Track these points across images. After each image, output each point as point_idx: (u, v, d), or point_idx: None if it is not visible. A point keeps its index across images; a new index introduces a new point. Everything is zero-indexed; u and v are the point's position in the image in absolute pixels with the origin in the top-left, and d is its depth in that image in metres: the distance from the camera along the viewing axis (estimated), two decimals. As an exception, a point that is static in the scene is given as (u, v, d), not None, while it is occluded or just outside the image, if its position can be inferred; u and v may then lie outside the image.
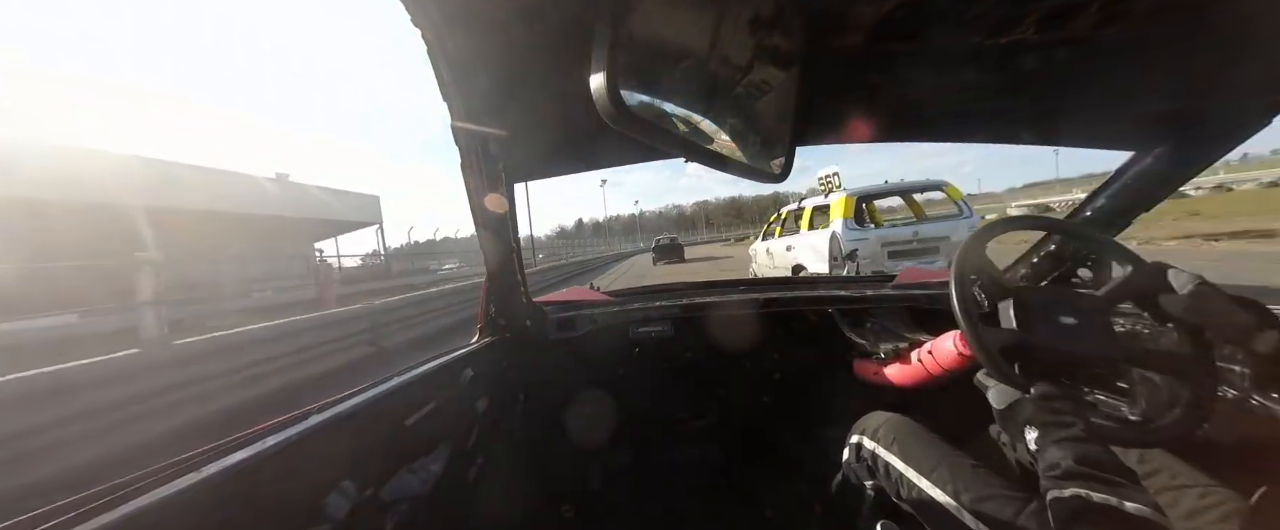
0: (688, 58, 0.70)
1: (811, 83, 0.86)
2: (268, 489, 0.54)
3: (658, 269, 20.61)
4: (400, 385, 0.81)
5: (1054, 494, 0.61)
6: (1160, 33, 0.79)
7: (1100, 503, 0.56)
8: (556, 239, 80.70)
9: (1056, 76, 0.94)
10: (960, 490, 0.83)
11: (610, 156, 1.31)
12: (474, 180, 0.92)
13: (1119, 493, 0.57)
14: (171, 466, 0.48)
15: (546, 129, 1.10)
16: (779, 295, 1.57)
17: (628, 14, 0.55)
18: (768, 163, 0.90)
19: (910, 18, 0.77)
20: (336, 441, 0.64)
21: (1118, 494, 0.57)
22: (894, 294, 1.59)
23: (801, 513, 1.49)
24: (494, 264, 1.14)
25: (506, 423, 1.23)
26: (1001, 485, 0.81)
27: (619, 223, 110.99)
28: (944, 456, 0.91)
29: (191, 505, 0.45)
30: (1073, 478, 0.61)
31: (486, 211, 1.00)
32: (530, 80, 0.89)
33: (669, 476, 1.71)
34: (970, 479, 0.84)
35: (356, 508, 0.65)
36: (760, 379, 1.94)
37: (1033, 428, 0.73)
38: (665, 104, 0.70)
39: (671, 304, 1.54)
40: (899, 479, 0.96)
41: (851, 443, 1.13)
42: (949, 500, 0.84)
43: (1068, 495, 0.59)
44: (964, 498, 0.82)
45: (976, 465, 0.88)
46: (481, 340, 1.21)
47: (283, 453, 0.55)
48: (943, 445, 0.96)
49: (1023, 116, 1.17)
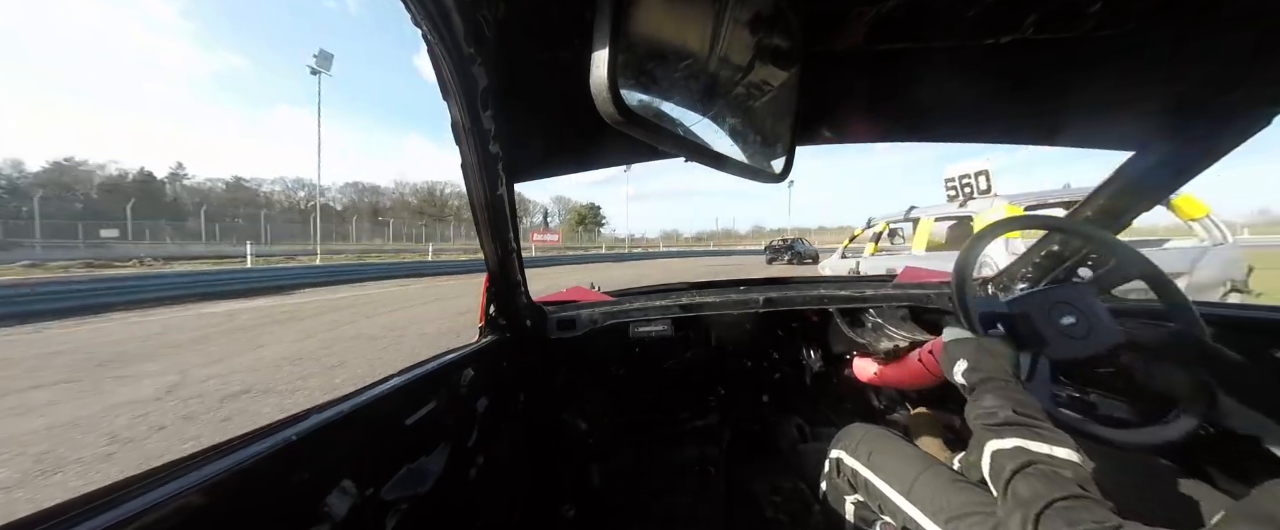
0: (688, 57, 0.70)
1: (811, 83, 0.86)
2: (268, 489, 0.54)
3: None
4: (400, 385, 0.81)
5: (995, 444, 0.65)
6: (1160, 33, 0.79)
7: (1038, 453, 0.61)
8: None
9: (1056, 76, 0.95)
10: (938, 508, 0.83)
11: (610, 156, 1.31)
12: (474, 180, 0.92)
13: (1052, 442, 0.62)
14: (171, 466, 0.48)
15: (546, 129, 1.10)
16: (779, 295, 1.57)
17: (628, 13, 0.55)
18: (767, 162, 0.90)
19: (909, 18, 0.77)
20: (336, 441, 0.64)
21: (1050, 443, 0.62)
22: (894, 293, 1.59)
23: (801, 513, 1.49)
24: (494, 264, 1.14)
25: (506, 423, 1.23)
26: (979, 501, 0.80)
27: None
28: (921, 471, 0.90)
29: (191, 505, 0.45)
30: (1011, 426, 0.65)
31: (487, 211, 1.00)
32: (530, 80, 0.89)
33: (669, 476, 1.71)
34: (949, 495, 0.84)
35: (357, 507, 0.65)
36: (760, 379, 1.94)
37: (963, 361, 0.78)
38: (665, 103, 0.70)
39: (671, 304, 1.54)
40: (877, 495, 0.96)
41: (831, 458, 1.13)
42: (926, 519, 0.84)
43: (1010, 447, 0.63)
44: (940, 516, 0.82)
45: (956, 479, 0.87)
46: (481, 340, 1.21)
47: (283, 453, 0.55)
48: (921, 459, 0.95)
49: (1023, 116, 1.17)
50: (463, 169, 0.90)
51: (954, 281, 0.92)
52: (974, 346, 0.83)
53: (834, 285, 1.79)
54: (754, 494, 1.61)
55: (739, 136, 0.85)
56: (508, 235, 1.09)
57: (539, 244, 47.62)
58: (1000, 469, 0.62)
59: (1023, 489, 0.58)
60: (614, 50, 0.53)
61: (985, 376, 0.76)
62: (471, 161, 0.88)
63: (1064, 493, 0.54)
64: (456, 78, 0.72)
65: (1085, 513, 0.52)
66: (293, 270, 16.36)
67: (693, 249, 64.20)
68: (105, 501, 0.41)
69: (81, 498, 0.42)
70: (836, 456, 1.11)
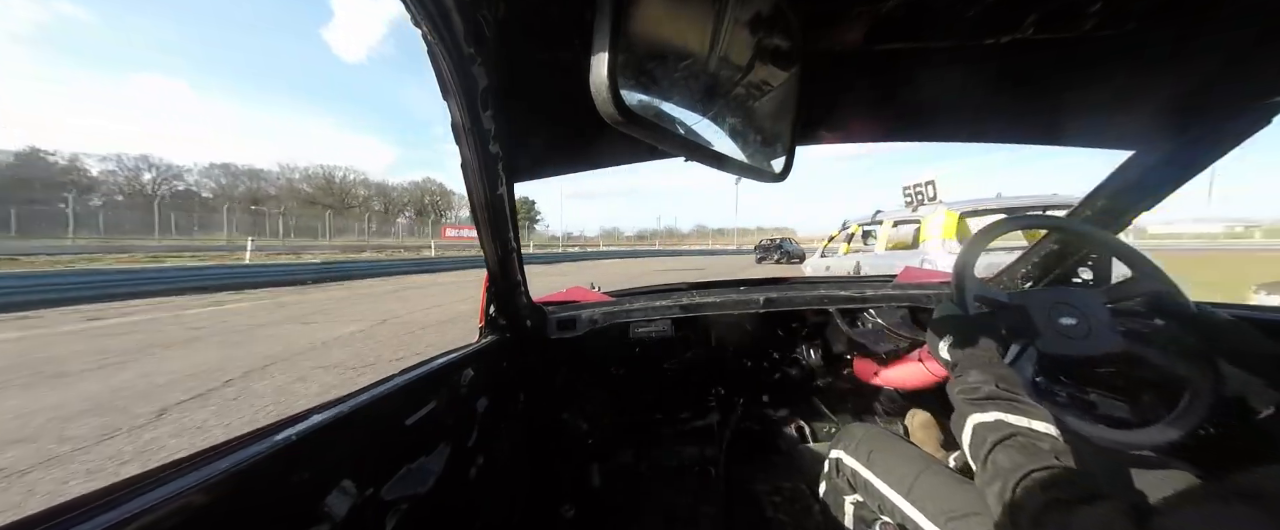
0: (688, 57, 0.70)
1: (811, 83, 0.86)
2: (268, 489, 0.54)
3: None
4: (400, 385, 0.81)
5: (977, 418, 0.67)
6: (1160, 33, 0.79)
7: (1018, 425, 0.63)
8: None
9: (1056, 76, 0.95)
10: (937, 508, 0.83)
11: (610, 156, 1.31)
12: (474, 180, 0.92)
13: (1031, 415, 0.64)
14: (171, 466, 0.48)
15: (546, 129, 1.10)
16: (779, 295, 1.57)
17: (628, 13, 0.55)
18: (768, 162, 0.90)
19: (909, 18, 0.77)
20: (336, 441, 0.64)
21: (1030, 417, 0.64)
22: (894, 294, 1.59)
23: (801, 513, 1.49)
24: (494, 264, 1.14)
25: (506, 423, 1.23)
26: (979, 501, 0.81)
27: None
28: (921, 471, 0.91)
29: (191, 505, 0.45)
30: (992, 400, 0.67)
31: (487, 211, 1.00)
32: (530, 80, 0.89)
33: (669, 476, 1.71)
34: (949, 495, 0.84)
35: (357, 507, 0.65)
36: (760, 379, 1.94)
37: (950, 337, 0.79)
38: (665, 103, 0.70)
39: (671, 304, 1.54)
40: (877, 495, 0.96)
41: (831, 458, 1.13)
42: (925, 520, 0.84)
43: (991, 420, 0.65)
44: (940, 516, 0.82)
45: (955, 479, 0.87)
46: (481, 340, 1.21)
47: (283, 453, 0.55)
48: (921, 459, 0.95)
49: (1023, 116, 1.17)
50: (463, 169, 0.90)
51: (955, 272, 0.92)
52: (960, 323, 0.84)
53: (834, 285, 1.79)
54: (754, 494, 1.61)
55: (739, 136, 0.85)
56: (508, 235, 1.09)
57: (453, 239, 41.83)
58: (981, 441, 0.64)
59: (1002, 459, 0.60)
60: (614, 50, 0.53)
61: (969, 352, 0.77)
62: (471, 161, 0.88)
63: (1042, 464, 0.56)
64: (456, 78, 0.71)
65: (1064, 481, 0.53)
66: (97, 276, 11.09)
67: (636, 249, 59.93)
68: (105, 502, 0.41)
69: (81, 498, 0.42)
70: (836, 457, 1.11)
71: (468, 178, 0.92)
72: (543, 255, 35.27)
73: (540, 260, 29.38)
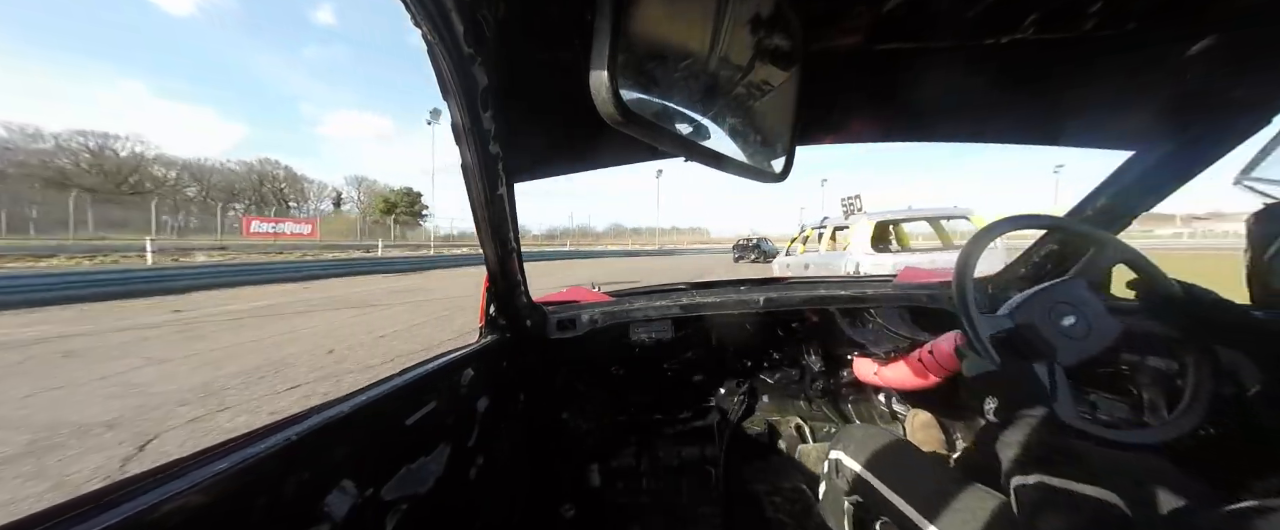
0: (688, 57, 0.70)
1: (811, 83, 0.86)
2: (268, 489, 0.54)
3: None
4: (400, 385, 0.81)
5: (1018, 480, 0.66)
6: (1160, 33, 0.79)
7: (1061, 488, 0.62)
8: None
9: (1056, 76, 0.94)
10: (937, 513, 0.83)
11: (610, 156, 1.31)
12: (474, 180, 0.92)
13: (1076, 478, 0.63)
14: (171, 466, 0.48)
15: (546, 129, 1.10)
16: (779, 295, 1.57)
17: (628, 12, 0.55)
18: (767, 162, 0.90)
19: (909, 18, 0.77)
20: (336, 441, 0.64)
21: (1075, 480, 0.63)
22: (894, 293, 1.59)
23: (801, 513, 1.49)
24: (494, 264, 1.14)
25: (506, 423, 1.23)
26: (979, 505, 0.81)
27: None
28: (922, 475, 0.90)
29: (191, 505, 0.45)
30: (1035, 463, 0.67)
31: (487, 211, 1.00)
32: (530, 80, 0.89)
33: (669, 476, 1.71)
34: (948, 496, 0.83)
35: (357, 507, 0.65)
36: (760, 379, 1.94)
37: (993, 399, 0.79)
38: (665, 103, 0.70)
39: (671, 304, 1.54)
40: (876, 496, 0.95)
41: (830, 458, 1.12)
42: (925, 521, 0.83)
43: (1032, 483, 0.65)
44: (940, 518, 0.82)
45: (955, 479, 0.87)
46: (481, 340, 1.21)
47: (283, 453, 0.55)
48: (922, 462, 0.95)
49: (1023, 116, 1.17)
50: (463, 169, 0.90)
51: (955, 291, 0.90)
52: (999, 382, 0.84)
53: (834, 285, 1.79)
54: (754, 494, 1.61)
55: (739, 136, 0.85)
56: (508, 235, 1.09)
57: (273, 237, 31.35)
58: (1024, 502, 0.64)
59: (1043, 524, 0.60)
60: (614, 50, 0.53)
61: (1015, 413, 0.77)
62: (471, 162, 0.88)
63: (1085, 522, 0.57)
64: (456, 78, 0.71)
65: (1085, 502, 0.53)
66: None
67: (543, 249, 48.95)
68: (105, 501, 0.41)
69: (81, 498, 0.42)
70: (836, 457, 1.10)
71: (468, 178, 0.92)
72: (407, 261, 23.57)
73: (399, 267, 19.91)
